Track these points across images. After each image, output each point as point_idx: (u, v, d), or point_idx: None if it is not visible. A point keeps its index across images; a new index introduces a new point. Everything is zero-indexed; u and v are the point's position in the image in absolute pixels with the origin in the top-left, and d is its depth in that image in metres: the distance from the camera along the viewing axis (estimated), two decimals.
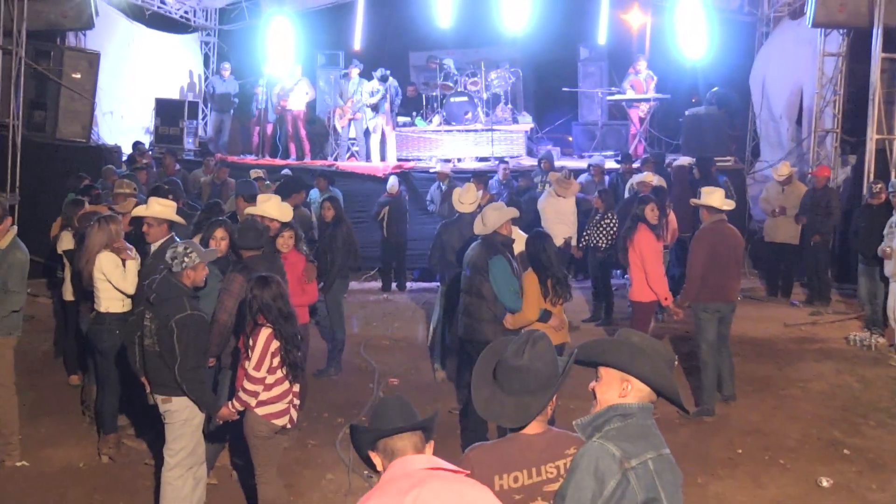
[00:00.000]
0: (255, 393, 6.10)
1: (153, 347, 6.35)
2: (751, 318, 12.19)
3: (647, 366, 3.47)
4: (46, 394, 9.46)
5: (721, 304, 8.94)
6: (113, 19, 16.72)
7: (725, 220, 9.02)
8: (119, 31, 17.16)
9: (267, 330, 6.08)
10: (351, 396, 9.54)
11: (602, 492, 3.25)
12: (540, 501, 3.73)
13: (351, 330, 11.23)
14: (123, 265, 7.80)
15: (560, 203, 12.65)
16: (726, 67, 18.60)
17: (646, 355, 3.48)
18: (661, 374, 3.51)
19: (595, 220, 12.41)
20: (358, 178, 16.58)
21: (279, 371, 6.12)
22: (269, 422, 6.16)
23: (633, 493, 3.27)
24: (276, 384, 6.14)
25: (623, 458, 3.29)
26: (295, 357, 6.15)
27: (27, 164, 14.07)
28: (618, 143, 18.18)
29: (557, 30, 19.85)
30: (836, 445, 8.09)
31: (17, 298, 7.75)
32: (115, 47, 16.85)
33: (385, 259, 15.23)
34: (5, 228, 7.69)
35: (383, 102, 17.58)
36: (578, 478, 3.29)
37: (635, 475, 3.29)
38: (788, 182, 13.62)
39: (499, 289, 7.70)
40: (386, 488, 3.22)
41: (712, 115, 17.12)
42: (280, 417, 6.19)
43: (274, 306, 6.08)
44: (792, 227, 13.55)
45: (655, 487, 3.33)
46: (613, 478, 3.26)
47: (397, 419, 3.41)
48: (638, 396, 3.49)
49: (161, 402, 6.39)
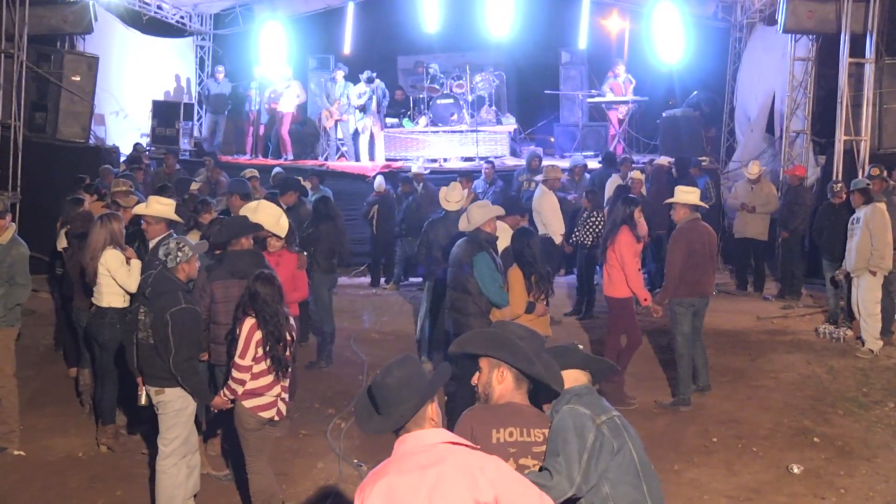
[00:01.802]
0: (242, 381, 6.07)
1: (147, 340, 6.33)
2: (724, 311, 12.21)
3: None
4: (47, 385, 9.47)
5: (696, 299, 8.95)
6: (111, 24, 16.65)
7: (700, 218, 9.03)
8: (117, 36, 17.09)
9: (251, 320, 6.06)
10: (341, 388, 9.52)
11: (585, 445, 3.74)
12: (530, 459, 3.87)
13: (341, 323, 11.19)
14: (128, 263, 7.78)
15: (554, 199, 12.56)
16: (701, 71, 18.72)
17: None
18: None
19: (582, 217, 12.39)
20: (348, 178, 16.55)
21: (263, 362, 6.08)
22: (257, 414, 6.14)
23: (609, 443, 3.81)
24: (261, 375, 6.10)
25: (593, 415, 3.83)
26: (277, 353, 6.10)
27: (28, 164, 14.00)
28: (597, 144, 18.19)
29: (540, 35, 19.88)
30: (806, 434, 8.10)
31: (23, 291, 7.90)
32: (113, 51, 16.76)
33: (374, 255, 15.19)
34: (5, 225, 7.78)
35: (370, 103, 17.59)
36: (564, 435, 3.76)
37: (607, 427, 3.83)
38: (757, 181, 13.66)
39: (484, 284, 7.67)
40: (403, 463, 3.19)
41: (688, 117, 17.24)
42: (267, 410, 6.16)
43: (263, 302, 6.06)
44: (760, 223, 13.61)
45: (624, 437, 3.87)
46: (591, 432, 3.78)
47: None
48: (573, 380, 4.04)
49: (154, 393, 6.37)
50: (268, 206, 8.45)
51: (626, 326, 9.19)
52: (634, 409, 8.74)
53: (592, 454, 3.75)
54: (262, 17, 19.56)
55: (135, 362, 6.52)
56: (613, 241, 9.03)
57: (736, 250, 14.47)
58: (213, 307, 7.02)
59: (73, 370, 9.51)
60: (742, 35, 17.99)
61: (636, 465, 3.87)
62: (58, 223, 10.23)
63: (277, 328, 6.08)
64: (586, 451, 3.73)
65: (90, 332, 8.02)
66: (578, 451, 3.72)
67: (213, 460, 7.50)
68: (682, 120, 17.27)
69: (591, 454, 3.74)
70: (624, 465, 3.84)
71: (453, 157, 17.68)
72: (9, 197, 11.10)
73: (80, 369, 8.91)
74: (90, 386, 8.60)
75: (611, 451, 3.80)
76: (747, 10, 17.39)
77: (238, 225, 7.47)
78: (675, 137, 17.08)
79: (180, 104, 18.21)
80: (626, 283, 8.96)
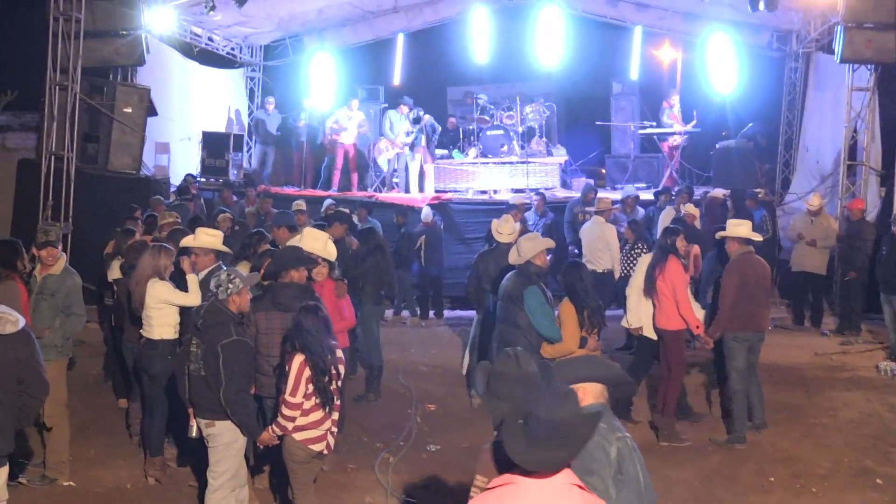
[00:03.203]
0: (292, 418, 6.12)
1: (198, 372, 6.36)
2: (781, 346, 12.04)
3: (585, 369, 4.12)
4: (95, 416, 9.55)
5: (751, 334, 8.86)
6: (164, 56, 16.93)
7: (753, 251, 8.96)
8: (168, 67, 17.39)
9: (300, 357, 6.11)
10: (389, 421, 9.53)
11: (609, 460, 3.93)
12: None
13: (389, 356, 11.21)
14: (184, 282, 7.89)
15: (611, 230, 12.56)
16: (755, 102, 18.55)
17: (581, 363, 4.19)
18: (598, 370, 4.13)
19: (625, 250, 12.35)
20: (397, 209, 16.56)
21: (314, 398, 6.13)
22: (307, 447, 6.17)
23: (624, 460, 3.96)
24: (312, 410, 6.15)
25: (610, 431, 3.98)
26: (324, 385, 6.12)
27: (80, 195, 14.25)
28: (649, 176, 18.16)
29: (590, 65, 19.86)
30: (868, 474, 7.96)
31: (79, 321, 8.09)
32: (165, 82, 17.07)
33: (422, 288, 15.24)
34: (57, 254, 7.94)
35: (419, 140, 17.62)
36: (591, 453, 3.83)
37: (624, 444, 4.00)
38: (818, 213, 13.52)
39: (535, 318, 7.65)
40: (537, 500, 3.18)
41: (742, 148, 17.12)
42: (317, 443, 6.20)
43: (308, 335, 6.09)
44: (819, 256, 13.47)
45: (633, 459, 4.00)
46: (613, 446, 3.96)
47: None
48: (593, 397, 4.05)
49: (205, 426, 6.40)
50: (313, 231, 8.56)
51: (672, 359, 9.06)
52: (688, 446, 8.65)
53: (616, 468, 3.94)
54: (312, 48, 19.77)
55: (186, 393, 6.58)
56: (662, 270, 8.96)
57: (793, 284, 14.28)
58: (257, 338, 7.05)
59: (122, 401, 9.62)
60: (798, 65, 17.85)
61: (641, 489, 3.99)
62: (105, 251, 10.38)
63: (322, 359, 6.11)
64: (612, 466, 3.93)
65: (140, 363, 8.06)
66: (608, 466, 3.91)
67: (260, 494, 7.51)
68: (736, 151, 17.16)
69: (615, 469, 3.93)
70: (629, 484, 3.97)
71: (503, 188, 17.71)
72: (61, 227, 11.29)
73: (130, 401, 9.01)
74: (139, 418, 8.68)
75: (623, 468, 3.97)
76: (803, 39, 17.25)
77: (289, 256, 7.49)
78: (729, 169, 16.97)
79: (230, 135, 18.40)
80: (678, 313, 8.89)
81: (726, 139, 18.12)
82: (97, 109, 14.93)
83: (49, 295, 7.84)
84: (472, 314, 11.17)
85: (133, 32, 14.90)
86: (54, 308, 7.84)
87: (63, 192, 14.08)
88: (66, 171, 14.16)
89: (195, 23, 17.56)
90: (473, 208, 16.66)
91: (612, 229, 12.65)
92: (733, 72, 17.65)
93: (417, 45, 20.80)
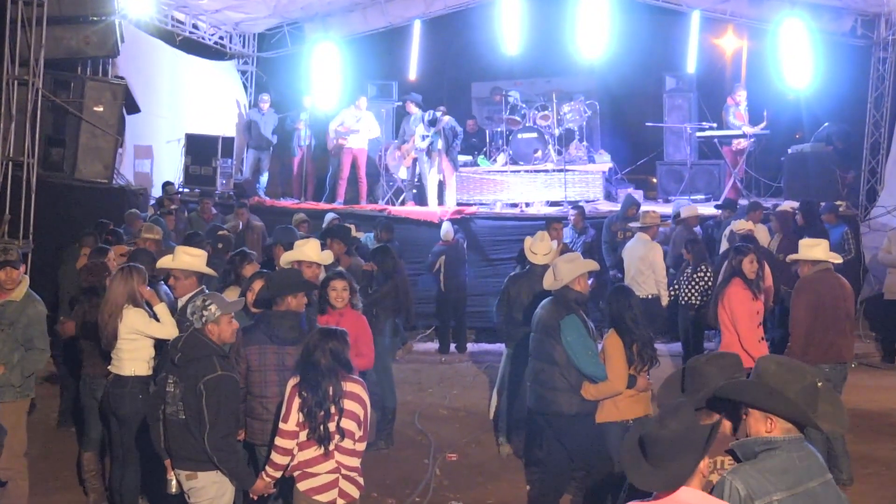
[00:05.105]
0: (287, 451, 6.04)
1: (176, 416, 6.28)
2: (866, 387, 11.93)
3: (781, 404, 4.08)
4: (57, 467, 9.49)
5: (830, 366, 8.70)
6: (149, 46, 16.96)
7: (831, 268, 8.86)
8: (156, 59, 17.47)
9: (294, 379, 6.08)
10: (403, 473, 9.47)
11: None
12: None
13: (404, 397, 11.16)
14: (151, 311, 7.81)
15: (659, 250, 12.51)
16: (835, 98, 18.42)
17: (779, 394, 4.09)
18: (795, 408, 4.08)
19: (686, 273, 12.27)
20: (412, 225, 16.58)
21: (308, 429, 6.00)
22: (311, 498, 6.03)
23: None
24: (308, 445, 6.03)
25: (746, 498, 3.97)
26: (317, 419, 5.96)
27: (42, 208, 14.18)
28: (709, 186, 18.05)
29: (639, 57, 19.87)
30: None
31: (42, 356, 7.97)
32: (150, 76, 17.12)
33: (442, 316, 15.16)
34: (18, 278, 7.82)
35: (435, 145, 17.40)
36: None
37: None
38: None
39: (574, 354, 7.53)
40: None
41: (819, 154, 16.97)
42: (324, 492, 6.03)
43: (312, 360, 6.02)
44: None
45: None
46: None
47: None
48: (783, 429, 4.10)
49: (185, 478, 6.32)
50: (308, 240, 8.70)
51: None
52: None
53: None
54: (314, 37, 19.84)
55: (161, 442, 6.48)
56: (722, 296, 8.89)
57: (883, 314, 14.15)
58: (248, 375, 6.96)
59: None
60: (887, 55, 17.63)
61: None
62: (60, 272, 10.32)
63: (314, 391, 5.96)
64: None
65: (108, 404, 7.93)
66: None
67: None
68: (812, 157, 17.05)
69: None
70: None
71: (537, 200, 17.66)
72: (20, 246, 11.30)
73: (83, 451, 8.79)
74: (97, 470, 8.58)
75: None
76: (893, 24, 17.11)
77: (287, 281, 7.36)
78: (804, 178, 16.87)
79: (218, 139, 18.03)
80: (739, 345, 8.78)
81: (800, 142, 18.01)
82: (63, 108, 14.94)
83: (7, 325, 7.73)
84: (501, 348, 11.12)
85: (105, 18, 14.91)
86: (12, 341, 7.72)
87: (23, 205, 14.05)
88: (27, 180, 14.11)
89: (177, 7, 17.68)
90: (502, 224, 16.61)
91: (658, 249, 12.57)
92: (809, 63, 17.61)
93: (437, 33, 20.86)
